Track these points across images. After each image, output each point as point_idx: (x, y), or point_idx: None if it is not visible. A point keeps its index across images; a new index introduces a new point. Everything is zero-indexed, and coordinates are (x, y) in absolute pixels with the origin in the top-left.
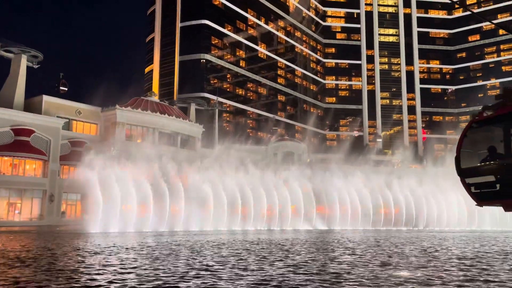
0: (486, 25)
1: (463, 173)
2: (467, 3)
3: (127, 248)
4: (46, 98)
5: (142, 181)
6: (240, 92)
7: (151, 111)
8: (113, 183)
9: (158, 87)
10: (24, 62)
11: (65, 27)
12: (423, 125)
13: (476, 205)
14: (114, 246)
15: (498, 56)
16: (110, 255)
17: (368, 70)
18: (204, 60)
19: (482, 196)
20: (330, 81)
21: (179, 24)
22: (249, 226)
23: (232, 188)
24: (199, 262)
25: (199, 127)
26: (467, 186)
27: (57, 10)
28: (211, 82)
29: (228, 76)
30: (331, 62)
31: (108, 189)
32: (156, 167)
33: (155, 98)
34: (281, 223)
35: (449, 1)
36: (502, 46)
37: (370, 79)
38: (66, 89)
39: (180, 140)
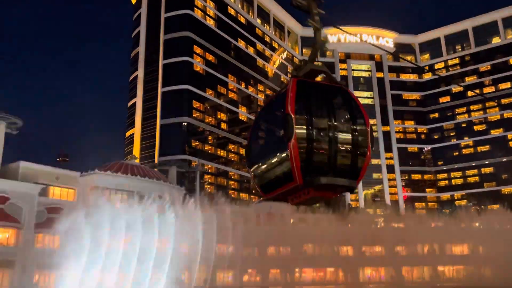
0: (455, 87)
1: (251, 164)
2: (436, 67)
3: None
4: (23, 164)
5: (123, 247)
6: (221, 154)
7: (131, 175)
8: (86, 250)
9: (139, 150)
10: (2, 129)
11: (45, 91)
12: (403, 184)
13: (262, 198)
14: None
15: (469, 116)
16: None
17: None
18: (185, 123)
19: (266, 188)
20: None
21: (160, 89)
22: None
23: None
24: None
25: (180, 190)
26: (253, 177)
27: (38, 75)
28: (193, 144)
29: (209, 138)
30: None
31: (81, 257)
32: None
33: (136, 162)
34: None
35: (418, 66)
36: (472, 107)
37: None
38: (68, 159)
39: (160, 203)
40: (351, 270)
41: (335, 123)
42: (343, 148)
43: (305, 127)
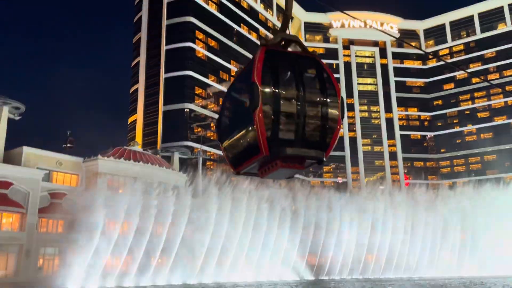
0: (459, 74)
1: (220, 137)
2: (440, 54)
3: None
4: (26, 150)
5: (125, 233)
6: None
7: (134, 161)
8: (95, 234)
9: (142, 137)
10: (5, 114)
11: (48, 77)
12: (405, 171)
13: (233, 173)
14: None
15: (473, 103)
16: None
17: (348, 117)
18: (187, 110)
19: (235, 162)
20: None
21: (163, 75)
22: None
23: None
24: None
25: (182, 176)
26: (223, 151)
27: (40, 62)
28: (195, 131)
29: (211, 125)
30: None
31: (89, 241)
32: (140, 218)
33: (138, 148)
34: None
35: (423, 52)
36: (476, 94)
37: (351, 126)
38: (73, 146)
39: (163, 189)
40: None
41: (304, 94)
42: (312, 120)
43: (272, 96)
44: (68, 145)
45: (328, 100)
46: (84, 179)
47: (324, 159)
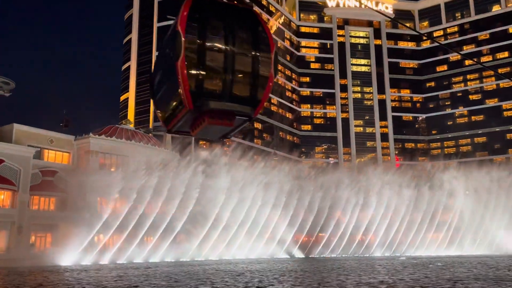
0: (453, 56)
1: (153, 95)
2: (434, 35)
3: None
4: (17, 127)
5: (118, 210)
6: None
7: (125, 139)
8: (87, 212)
9: (134, 115)
10: None
11: (38, 53)
12: (396, 152)
13: (166, 131)
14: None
15: (465, 85)
16: None
17: (341, 98)
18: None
19: (167, 120)
20: (305, 109)
21: (155, 53)
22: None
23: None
24: None
25: (175, 155)
26: (156, 108)
27: (31, 38)
28: None
29: None
30: (306, 90)
31: (82, 219)
32: (134, 196)
33: (131, 126)
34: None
35: (417, 33)
36: (468, 76)
37: (344, 107)
38: (68, 125)
39: (156, 168)
40: None
41: (234, 46)
42: (241, 74)
43: (197, 46)
44: (65, 124)
45: (260, 55)
46: (76, 157)
47: (253, 115)
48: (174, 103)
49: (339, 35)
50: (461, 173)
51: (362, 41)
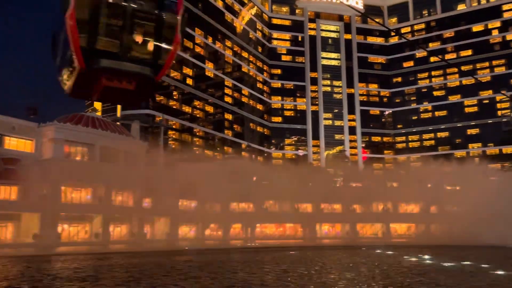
0: (419, 52)
1: (55, 55)
2: (402, 32)
3: None
4: None
5: (82, 200)
6: (186, 110)
7: (92, 128)
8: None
9: (101, 103)
10: None
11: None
12: (363, 145)
13: (69, 96)
14: None
15: (430, 81)
16: None
17: (312, 91)
18: None
19: (65, 81)
20: (276, 101)
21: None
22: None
23: None
24: None
25: (142, 145)
26: (57, 71)
27: None
28: (157, 99)
29: (174, 93)
30: (277, 82)
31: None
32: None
33: (97, 114)
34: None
35: (386, 29)
36: (433, 73)
37: (314, 100)
38: (36, 114)
39: (122, 158)
40: (310, 226)
41: (135, 3)
42: (141, 34)
43: (91, 1)
44: (32, 112)
45: (164, 15)
46: (40, 145)
47: (153, 75)
48: (69, 63)
49: (310, 28)
50: None
51: (332, 35)
